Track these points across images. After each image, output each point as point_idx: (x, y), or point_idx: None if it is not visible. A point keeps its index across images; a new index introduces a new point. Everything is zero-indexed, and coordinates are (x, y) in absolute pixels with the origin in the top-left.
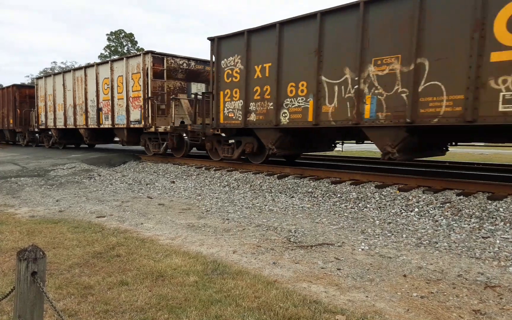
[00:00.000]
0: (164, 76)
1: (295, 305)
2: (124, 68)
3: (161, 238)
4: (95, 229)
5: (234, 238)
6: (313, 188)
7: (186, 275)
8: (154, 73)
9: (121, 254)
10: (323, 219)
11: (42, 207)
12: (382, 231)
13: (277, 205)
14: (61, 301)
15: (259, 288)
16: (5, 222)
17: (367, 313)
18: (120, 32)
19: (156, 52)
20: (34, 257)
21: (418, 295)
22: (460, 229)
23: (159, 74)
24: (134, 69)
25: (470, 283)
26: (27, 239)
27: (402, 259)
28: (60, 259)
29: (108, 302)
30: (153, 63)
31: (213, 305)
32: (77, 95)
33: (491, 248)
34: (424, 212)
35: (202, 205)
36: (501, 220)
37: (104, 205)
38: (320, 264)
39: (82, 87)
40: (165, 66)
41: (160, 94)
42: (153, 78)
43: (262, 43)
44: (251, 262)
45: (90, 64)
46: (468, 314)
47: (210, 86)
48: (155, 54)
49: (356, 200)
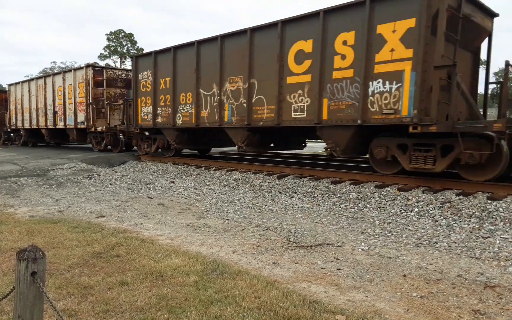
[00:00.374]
0: (104, 85)
1: (295, 305)
2: (73, 78)
3: (161, 238)
4: (95, 229)
5: (234, 238)
6: (313, 188)
7: (186, 275)
8: (95, 83)
9: (120, 254)
10: (323, 219)
11: (42, 207)
12: (382, 231)
13: (276, 205)
14: (61, 301)
15: (259, 288)
16: (5, 222)
17: (367, 313)
18: (120, 32)
19: (96, 66)
20: (33, 257)
21: (418, 295)
22: (460, 229)
23: (100, 83)
24: (80, 79)
25: (470, 283)
26: (26, 239)
27: (402, 259)
28: (59, 259)
29: (108, 302)
30: (93, 74)
31: (213, 305)
32: (39, 100)
33: (491, 248)
34: (424, 212)
35: (202, 205)
36: (501, 220)
37: (103, 205)
38: (320, 264)
39: (43, 93)
40: (104, 77)
41: (100, 100)
42: (94, 87)
43: (164, 61)
44: (251, 262)
45: (48, 74)
46: (467, 314)
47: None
48: (96, 67)
49: (356, 200)
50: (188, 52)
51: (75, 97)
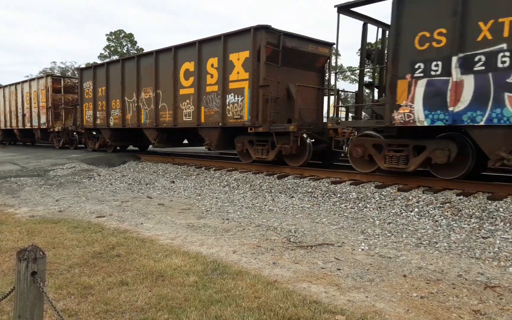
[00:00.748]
0: (62, 91)
1: (295, 305)
2: (36, 86)
3: (161, 238)
4: (95, 229)
5: (234, 238)
6: (313, 188)
7: (186, 275)
8: (53, 90)
9: (121, 254)
10: (323, 219)
11: (42, 207)
12: (382, 231)
13: (277, 205)
14: (61, 301)
15: (259, 288)
16: (5, 222)
17: (367, 313)
18: (120, 32)
19: (55, 75)
20: (34, 257)
21: (418, 295)
22: (460, 229)
23: (58, 90)
24: (42, 87)
25: (470, 283)
26: (26, 239)
27: (402, 259)
28: (60, 259)
29: (108, 302)
30: (52, 83)
31: (213, 305)
32: (12, 104)
33: (491, 248)
34: (424, 212)
35: (202, 205)
36: (501, 220)
37: (103, 205)
38: (320, 264)
39: (14, 98)
40: (62, 84)
41: (59, 104)
42: (53, 93)
43: (101, 74)
44: (251, 262)
45: (18, 82)
46: (468, 314)
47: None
48: (54, 76)
49: (356, 200)
50: (116, 67)
51: (39, 102)
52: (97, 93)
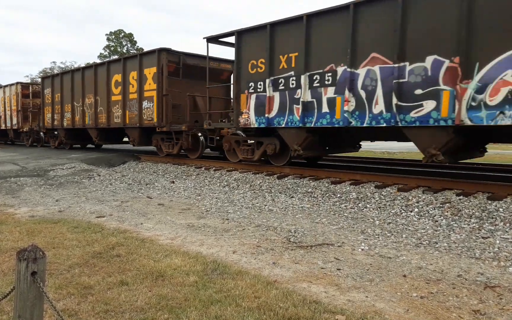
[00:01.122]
0: (30, 96)
1: (295, 305)
2: (9, 91)
3: (161, 238)
4: (95, 229)
5: (234, 238)
6: (313, 188)
7: (186, 275)
8: (23, 95)
9: (121, 254)
10: (323, 219)
11: (42, 207)
12: (382, 231)
13: (277, 205)
14: (61, 301)
15: (259, 288)
16: (5, 222)
17: (367, 313)
18: (120, 32)
19: (24, 83)
20: (34, 257)
21: (418, 295)
22: (460, 229)
23: (27, 96)
24: (13, 92)
25: (470, 283)
26: (26, 239)
27: (402, 259)
28: (60, 259)
29: (108, 302)
30: (22, 89)
31: (213, 305)
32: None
33: (491, 248)
34: (424, 212)
35: (202, 205)
36: (501, 220)
37: (103, 205)
38: (320, 264)
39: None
40: (30, 90)
41: (28, 108)
42: (22, 98)
43: (57, 82)
44: (251, 262)
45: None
46: (468, 314)
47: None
48: (23, 84)
49: (356, 200)
50: (68, 77)
51: (11, 105)
52: (55, 99)
